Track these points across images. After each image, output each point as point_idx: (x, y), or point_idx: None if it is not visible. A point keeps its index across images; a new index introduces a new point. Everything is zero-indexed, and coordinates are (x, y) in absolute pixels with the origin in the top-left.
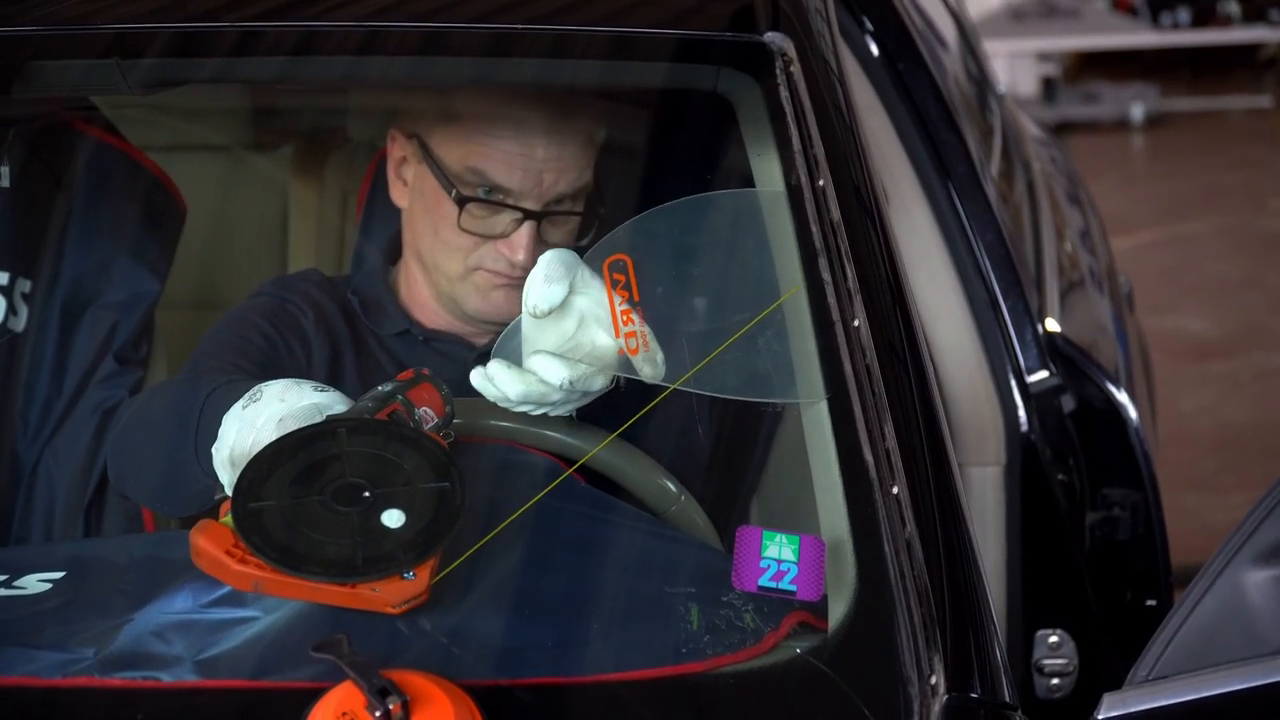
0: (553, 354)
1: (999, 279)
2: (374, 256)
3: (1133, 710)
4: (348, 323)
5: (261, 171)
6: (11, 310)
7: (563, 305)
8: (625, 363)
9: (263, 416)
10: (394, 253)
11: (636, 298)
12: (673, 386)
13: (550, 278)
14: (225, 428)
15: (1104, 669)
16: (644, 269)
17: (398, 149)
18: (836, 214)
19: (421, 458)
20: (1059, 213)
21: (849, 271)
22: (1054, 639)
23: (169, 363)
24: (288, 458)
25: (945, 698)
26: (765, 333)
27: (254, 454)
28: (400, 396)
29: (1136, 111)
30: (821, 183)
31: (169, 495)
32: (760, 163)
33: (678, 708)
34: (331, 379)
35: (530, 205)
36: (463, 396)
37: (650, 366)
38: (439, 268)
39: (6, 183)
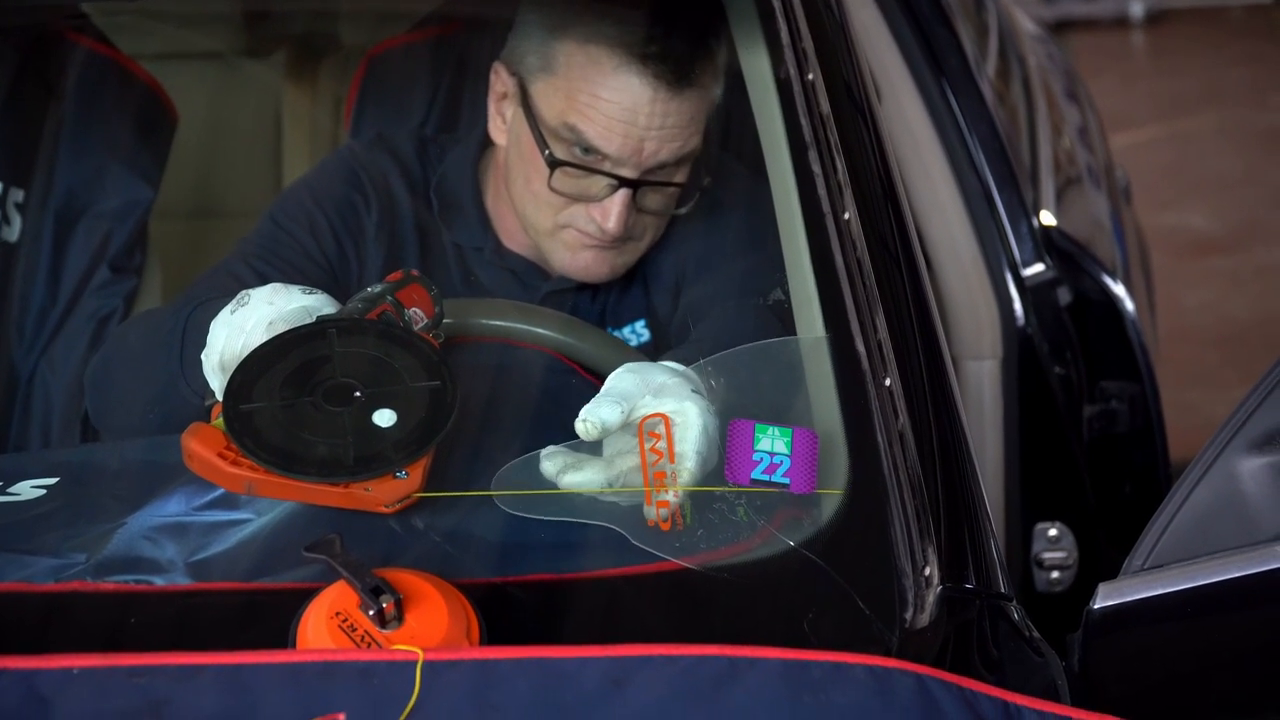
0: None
1: (993, 173)
2: (465, 144)
3: (1128, 600)
4: (417, 223)
5: (254, 78)
6: (4, 220)
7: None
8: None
9: (251, 320)
10: (487, 137)
11: (673, 460)
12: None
13: (598, 402)
14: (214, 334)
15: (1104, 562)
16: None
17: (500, 84)
18: (826, 107)
19: (412, 357)
20: (1056, 110)
21: (839, 164)
22: (1053, 532)
23: (163, 271)
24: (278, 359)
25: (939, 589)
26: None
27: (244, 357)
28: (389, 297)
29: (1136, 8)
30: (811, 76)
31: (156, 420)
32: (749, 58)
33: (673, 602)
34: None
35: (627, 173)
36: (453, 297)
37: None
38: (528, 218)
39: None
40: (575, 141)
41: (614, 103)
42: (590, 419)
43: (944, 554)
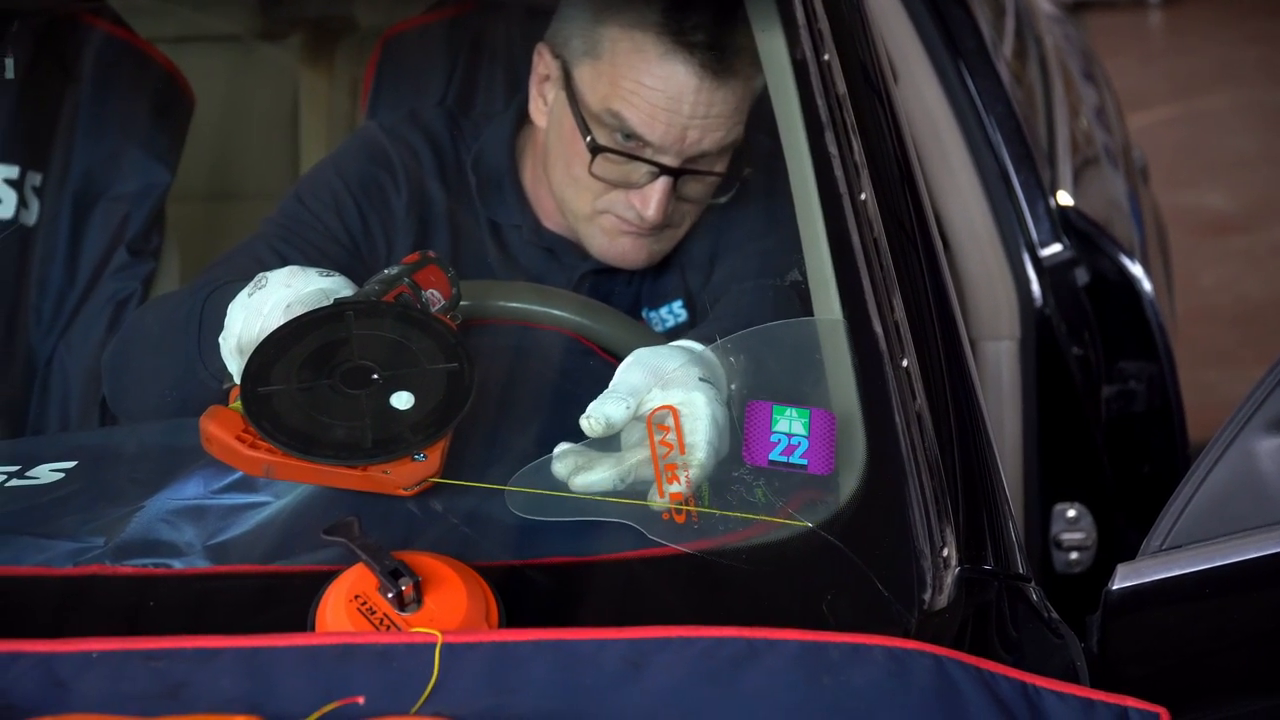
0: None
1: (1010, 153)
2: (500, 120)
3: (1147, 580)
4: (449, 201)
5: (271, 61)
6: (23, 204)
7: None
8: None
9: (269, 303)
10: (523, 114)
11: (683, 451)
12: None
13: (604, 399)
14: (231, 316)
15: (1123, 543)
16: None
17: (543, 66)
18: (842, 88)
19: (430, 339)
20: (1073, 90)
21: (855, 145)
22: (1072, 513)
23: (180, 254)
24: (296, 342)
25: (958, 569)
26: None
27: (262, 339)
28: (407, 279)
29: None
30: (827, 57)
31: (174, 404)
32: (765, 38)
33: (690, 585)
34: None
35: (668, 161)
36: (469, 279)
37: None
38: (566, 202)
39: (11, 74)
40: (617, 128)
41: (658, 90)
42: (595, 416)
43: (962, 535)
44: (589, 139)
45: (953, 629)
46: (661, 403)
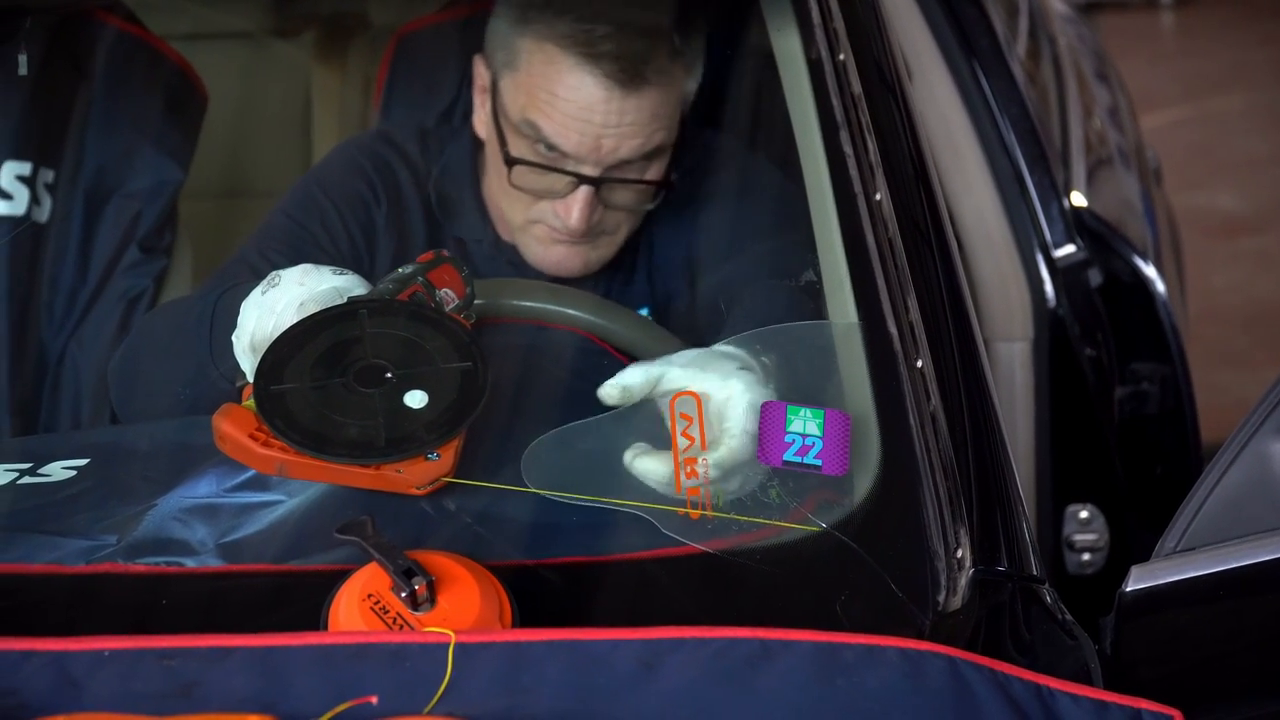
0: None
1: (1024, 154)
2: (463, 136)
3: (1160, 582)
4: (424, 216)
5: (283, 58)
6: (35, 201)
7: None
8: None
9: (282, 301)
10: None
11: (704, 445)
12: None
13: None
14: (244, 315)
15: (1136, 544)
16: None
17: (480, 77)
18: (858, 87)
19: (444, 338)
20: (1086, 90)
21: (870, 145)
22: (1084, 514)
23: (193, 251)
24: (309, 340)
25: (972, 571)
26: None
27: (275, 338)
28: (421, 278)
29: None
30: (842, 56)
31: (185, 407)
32: (780, 38)
33: (705, 585)
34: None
35: (588, 170)
36: (484, 278)
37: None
38: (504, 212)
39: (24, 71)
40: (536, 138)
41: (570, 101)
42: (612, 382)
43: (976, 536)
44: (504, 150)
45: (966, 630)
46: (690, 386)
